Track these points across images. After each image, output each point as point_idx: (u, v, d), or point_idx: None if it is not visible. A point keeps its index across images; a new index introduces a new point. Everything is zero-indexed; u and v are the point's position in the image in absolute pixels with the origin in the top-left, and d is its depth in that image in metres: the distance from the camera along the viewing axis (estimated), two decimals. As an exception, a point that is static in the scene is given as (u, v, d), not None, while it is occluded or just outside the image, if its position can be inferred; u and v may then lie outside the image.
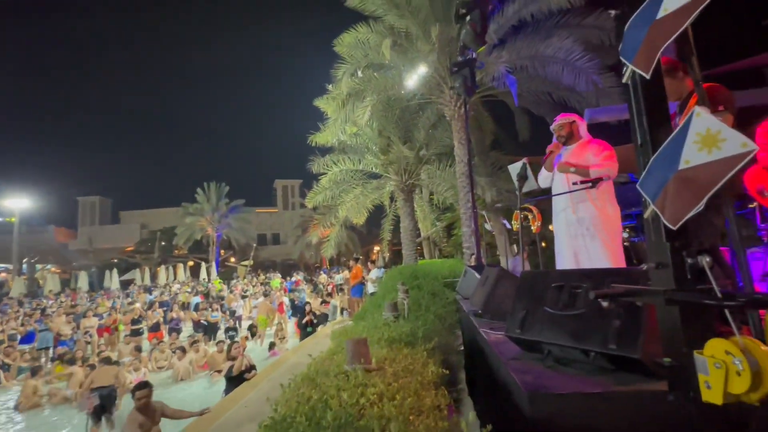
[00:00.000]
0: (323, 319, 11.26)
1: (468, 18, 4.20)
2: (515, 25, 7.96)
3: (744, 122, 2.31)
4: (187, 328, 12.88)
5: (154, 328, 11.92)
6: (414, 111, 10.66)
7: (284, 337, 10.52)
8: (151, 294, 19.27)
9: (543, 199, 3.45)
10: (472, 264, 5.56)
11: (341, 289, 15.28)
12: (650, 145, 1.23)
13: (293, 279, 20.95)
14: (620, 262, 2.81)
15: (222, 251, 36.08)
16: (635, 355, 1.43)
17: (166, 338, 11.16)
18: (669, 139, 1.18)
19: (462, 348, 4.21)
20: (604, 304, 1.38)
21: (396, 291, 5.26)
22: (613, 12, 1.39)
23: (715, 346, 1.01)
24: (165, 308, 14.63)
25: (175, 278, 29.31)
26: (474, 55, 4.81)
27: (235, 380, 5.45)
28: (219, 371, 7.17)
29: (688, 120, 1.13)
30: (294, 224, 35.18)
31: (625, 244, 3.92)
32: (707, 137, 1.06)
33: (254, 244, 34.21)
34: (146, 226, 42.97)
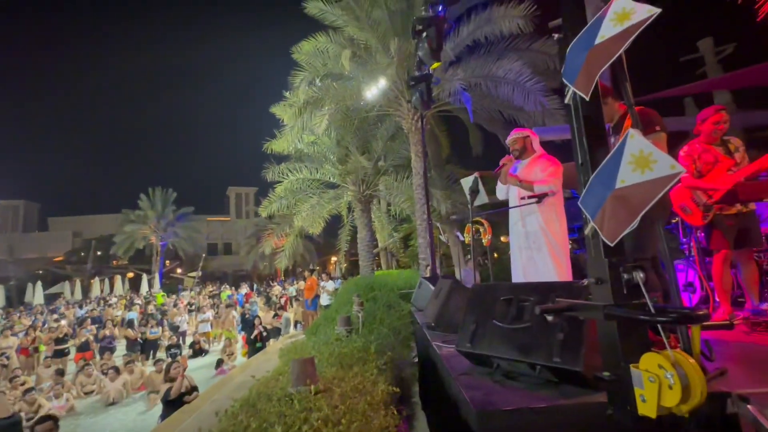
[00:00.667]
0: (275, 333, 10.79)
1: (424, 34, 4.29)
2: (470, 45, 8.32)
3: (668, 146, 2.52)
4: (122, 347, 11.75)
5: (83, 348, 10.72)
6: (372, 122, 10.71)
7: (233, 353, 9.92)
8: (81, 309, 17.44)
9: (493, 212, 3.55)
10: (428, 275, 5.60)
11: (297, 300, 14.80)
12: (590, 165, 1.28)
13: (243, 291, 19.94)
14: (566, 275, 2.93)
15: (167, 262, 33.77)
16: (577, 368, 1.47)
17: (97, 358, 10.09)
18: (606, 159, 1.23)
19: (416, 360, 4.19)
20: (549, 318, 1.41)
21: (351, 303, 5.16)
22: (556, 36, 1.45)
23: (649, 361, 1.04)
24: (97, 325, 13.27)
25: (111, 291, 26.84)
26: (430, 71, 4.92)
27: (173, 404, 4.99)
28: (156, 393, 6.57)
29: (624, 141, 1.18)
30: (247, 233, 33.76)
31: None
32: (640, 158, 1.11)
33: (203, 254, 32.34)
34: (79, 234, 39.26)
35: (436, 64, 4.40)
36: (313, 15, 9.05)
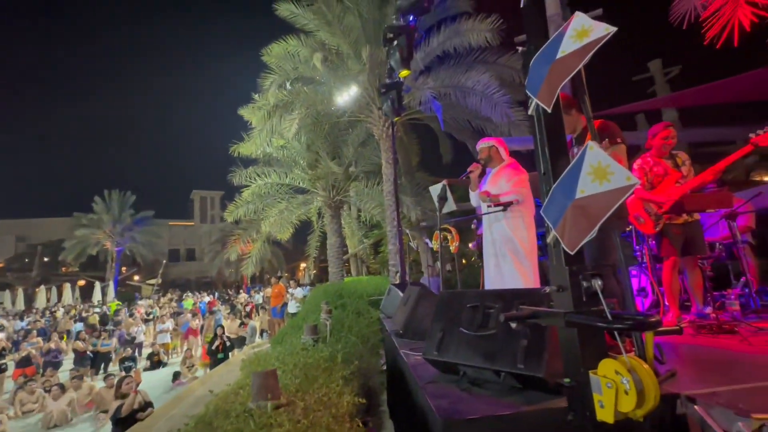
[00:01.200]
0: (239, 342, 10.40)
1: (395, 42, 4.33)
2: (440, 55, 8.52)
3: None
4: (70, 361, 10.87)
5: (24, 363, 9.82)
6: (343, 128, 10.68)
7: (193, 366, 9.44)
8: (22, 320, 16.02)
9: (461, 219, 3.60)
10: (397, 282, 5.59)
11: (263, 308, 14.37)
12: (552, 174, 1.31)
13: (206, 299, 19.10)
14: (532, 282, 2.98)
15: (123, 268, 31.85)
16: (540, 375, 1.49)
17: (39, 374, 9.27)
18: (567, 169, 1.27)
19: (385, 368, 4.15)
20: (513, 325, 1.42)
21: (319, 311, 5.05)
22: (520, 49, 1.49)
23: (606, 367, 1.07)
24: (43, 337, 12.23)
25: (59, 300, 24.89)
26: (400, 79, 4.97)
27: (124, 423, 4.64)
28: (106, 411, 6.09)
29: (583, 153, 1.22)
30: (212, 239, 32.50)
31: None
32: (598, 170, 1.15)
33: (164, 261, 30.76)
34: (24, 239, 36.22)
35: (405, 72, 4.45)
36: (284, 17, 8.94)
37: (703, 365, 1.98)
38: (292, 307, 10.24)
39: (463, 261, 12.66)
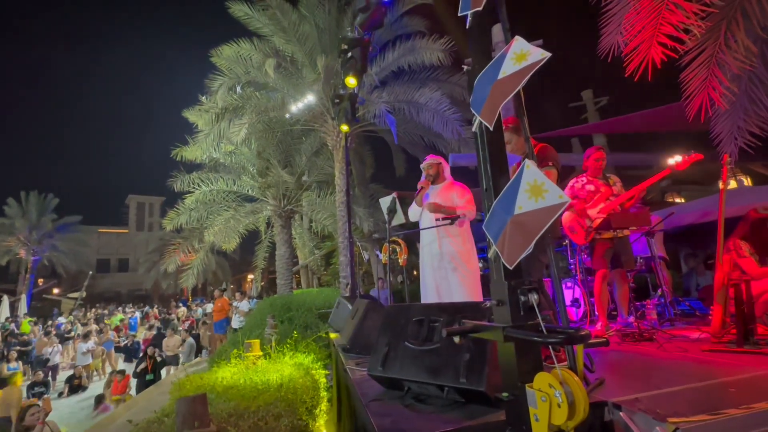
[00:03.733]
0: (173, 361, 9.60)
1: (350, 54, 4.35)
2: (395, 71, 8.71)
3: (559, 179, 2.85)
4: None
5: None
6: (297, 136, 10.46)
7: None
8: None
9: (410, 232, 3.65)
10: (348, 294, 5.49)
11: (205, 323, 13.43)
12: (493, 191, 1.34)
13: (135, 315, 17.52)
14: (477, 295, 3.11)
15: (40, 280, 28.29)
16: (481, 388, 1.50)
17: None
18: (507, 186, 1.31)
19: (332, 385, 4.02)
20: (456, 339, 1.42)
21: (265, 325, 4.82)
22: (466, 68, 1.53)
23: (541, 380, 1.09)
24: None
25: (-46, 318, 21.42)
26: (356, 91, 4.98)
27: (27, 459, 4.03)
28: (6, 447, 5.26)
29: (521, 171, 1.27)
30: (150, 248, 30.02)
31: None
32: (534, 187, 1.20)
33: (90, 272, 27.80)
34: None
35: (352, 82, 4.49)
36: (237, 18, 8.68)
37: (628, 372, 2.12)
38: (236, 322, 9.68)
39: (414, 273, 12.83)
